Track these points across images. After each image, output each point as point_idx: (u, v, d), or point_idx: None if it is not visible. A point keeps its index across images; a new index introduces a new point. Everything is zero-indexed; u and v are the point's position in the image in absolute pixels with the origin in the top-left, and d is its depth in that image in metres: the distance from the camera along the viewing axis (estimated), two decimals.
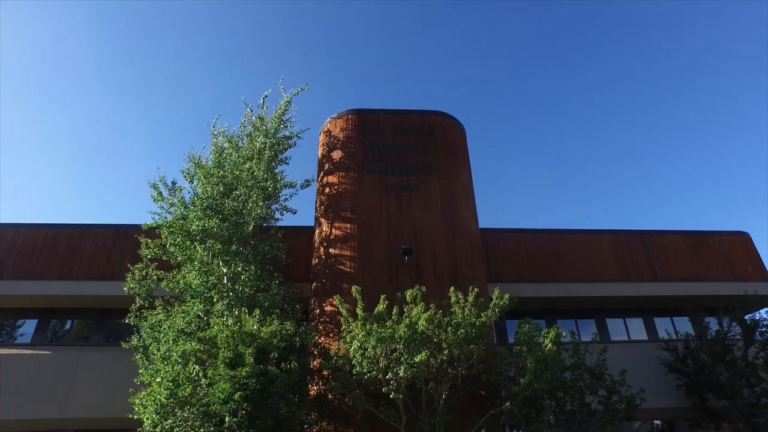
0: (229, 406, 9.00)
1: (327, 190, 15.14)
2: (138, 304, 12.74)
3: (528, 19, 53.47)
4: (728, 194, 59.16)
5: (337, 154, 15.60)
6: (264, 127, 14.84)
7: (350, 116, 16.22)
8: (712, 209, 59.86)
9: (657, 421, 16.46)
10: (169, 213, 13.38)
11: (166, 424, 9.65)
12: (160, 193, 13.49)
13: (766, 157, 52.78)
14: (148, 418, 9.67)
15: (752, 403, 14.46)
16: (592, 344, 12.71)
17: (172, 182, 13.73)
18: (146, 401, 9.68)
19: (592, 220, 64.64)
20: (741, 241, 19.18)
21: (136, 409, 10.07)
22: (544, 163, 60.36)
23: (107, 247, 16.17)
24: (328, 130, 16.33)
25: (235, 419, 9.07)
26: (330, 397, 11.03)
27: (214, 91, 59.21)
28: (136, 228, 14.90)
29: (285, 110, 15.26)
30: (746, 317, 15.95)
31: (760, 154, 53.19)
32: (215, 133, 15.16)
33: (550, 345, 10.50)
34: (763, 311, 16.59)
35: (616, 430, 15.38)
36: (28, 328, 16.01)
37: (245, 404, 9.01)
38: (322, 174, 15.70)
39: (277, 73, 59.95)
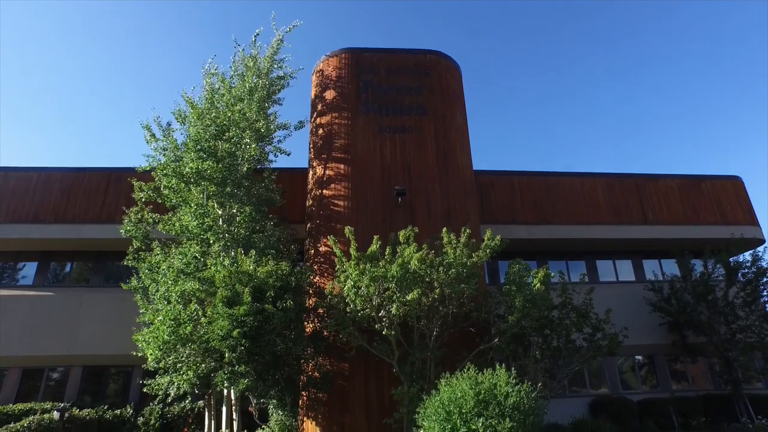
0: (228, 342, 9.38)
1: (320, 131, 14.92)
2: (135, 246, 12.90)
3: None
4: (723, 135, 58.79)
5: (330, 95, 15.25)
6: (256, 67, 14.38)
7: (344, 55, 15.70)
8: (707, 151, 59.69)
9: (639, 357, 17.27)
10: (164, 155, 13.26)
11: (169, 360, 10.10)
12: (153, 135, 13.28)
13: (764, 98, 52.00)
14: (151, 354, 10.10)
15: (727, 339, 15.27)
16: (580, 284, 13.08)
17: (167, 123, 13.50)
18: (149, 338, 10.06)
19: (587, 162, 64.47)
20: (733, 185, 19.30)
21: (140, 345, 10.49)
22: (540, 104, 59.34)
23: (101, 190, 16.16)
24: (321, 69, 15.84)
25: (234, 355, 9.47)
26: (325, 333, 11.44)
27: (207, 32, 56.85)
28: (130, 171, 14.84)
29: (277, 49, 14.73)
30: (731, 259, 16.38)
31: (759, 94, 52.36)
32: (208, 73, 14.74)
33: (538, 285, 10.77)
34: (747, 254, 16.99)
35: (599, 365, 16.20)
36: (29, 270, 16.32)
37: (243, 341, 9.39)
38: (315, 115, 15.41)
39: (270, 13, 57.34)
